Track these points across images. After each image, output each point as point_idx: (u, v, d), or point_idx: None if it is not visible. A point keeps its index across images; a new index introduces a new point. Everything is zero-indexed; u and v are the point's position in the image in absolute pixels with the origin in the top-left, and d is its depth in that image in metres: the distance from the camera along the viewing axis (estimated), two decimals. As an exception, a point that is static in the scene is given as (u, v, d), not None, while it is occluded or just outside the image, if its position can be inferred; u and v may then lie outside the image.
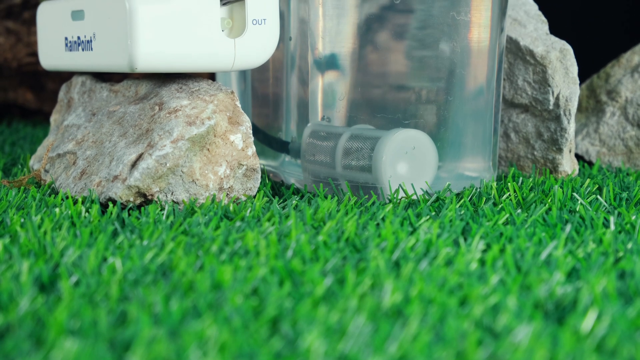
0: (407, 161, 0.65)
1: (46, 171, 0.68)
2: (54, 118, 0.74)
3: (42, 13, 0.73)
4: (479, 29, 0.68)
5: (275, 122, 0.75)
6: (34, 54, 1.03)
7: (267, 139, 0.75)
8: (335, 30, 0.68)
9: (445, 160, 0.68)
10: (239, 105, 0.64)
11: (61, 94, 0.74)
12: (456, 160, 0.69)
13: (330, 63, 0.68)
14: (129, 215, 0.60)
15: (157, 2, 0.61)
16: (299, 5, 0.70)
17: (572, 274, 0.48)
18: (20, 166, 0.76)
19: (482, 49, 0.68)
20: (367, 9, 0.67)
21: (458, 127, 0.68)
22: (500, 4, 0.69)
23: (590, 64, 0.89)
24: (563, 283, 0.45)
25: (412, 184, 0.65)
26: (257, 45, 0.65)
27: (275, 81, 0.74)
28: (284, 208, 0.62)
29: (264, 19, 0.65)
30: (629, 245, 0.52)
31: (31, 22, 1.03)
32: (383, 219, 0.58)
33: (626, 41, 0.93)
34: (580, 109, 0.82)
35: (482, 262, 0.50)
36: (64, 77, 1.05)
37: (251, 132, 0.64)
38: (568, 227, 0.55)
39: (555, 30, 0.77)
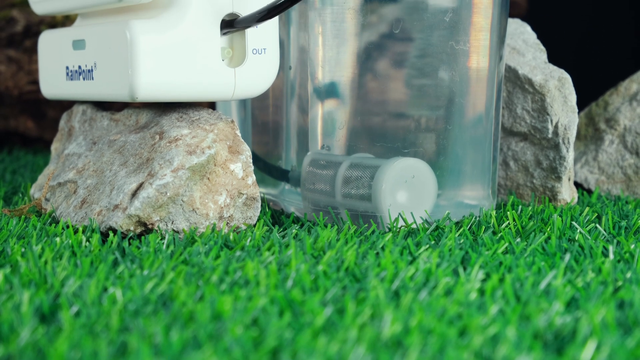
0: (406, 190, 0.66)
1: (47, 200, 0.68)
2: (54, 147, 0.74)
3: (44, 42, 0.73)
4: (478, 58, 0.68)
5: (275, 150, 0.75)
6: (35, 82, 1.03)
7: (267, 167, 0.75)
8: (335, 58, 0.68)
9: (444, 188, 0.68)
10: (239, 134, 0.65)
11: (62, 123, 0.75)
12: (456, 189, 0.69)
13: (329, 91, 0.69)
14: (130, 244, 0.60)
15: (158, 31, 0.62)
16: (298, 33, 0.70)
17: (572, 304, 0.48)
18: (21, 195, 0.76)
19: (481, 77, 0.69)
20: (366, 37, 0.67)
21: (457, 155, 0.69)
22: (498, 33, 0.69)
23: (588, 92, 0.89)
24: (562, 313, 0.46)
25: (411, 213, 0.65)
26: (258, 74, 0.65)
27: (275, 109, 0.74)
28: (284, 237, 0.62)
29: (264, 49, 0.65)
30: (628, 275, 0.52)
31: (32, 51, 1.03)
32: (383, 248, 0.59)
33: (624, 69, 0.94)
34: (579, 136, 0.83)
35: (481, 291, 0.50)
36: (65, 105, 1.05)
37: (251, 161, 0.64)
38: (567, 257, 0.55)
39: (553, 58, 0.78)
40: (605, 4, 1.44)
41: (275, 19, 0.65)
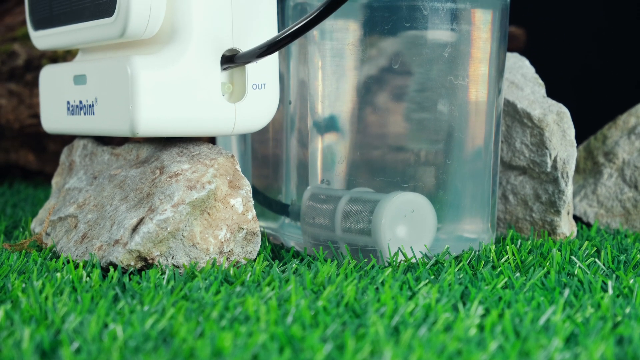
0: (406, 224, 0.66)
1: (47, 234, 0.68)
2: (55, 181, 0.74)
3: (45, 77, 0.74)
4: (477, 92, 0.69)
5: (275, 184, 0.75)
6: (36, 116, 1.04)
7: (266, 201, 0.76)
8: (334, 92, 0.68)
9: (444, 221, 0.68)
10: (239, 169, 0.65)
11: (63, 157, 0.75)
12: (455, 222, 0.70)
13: (329, 125, 0.69)
14: (130, 279, 0.60)
15: (158, 67, 0.62)
16: (298, 67, 0.71)
17: (571, 340, 0.48)
18: (21, 229, 0.77)
19: (480, 111, 0.69)
20: (366, 71, 0.68)
21: (457, 189, 0.69)
22: (497, 67, 0.70)
23: (587, 126, 0.90)
24: (562, 349, 0.46)
25: (411, 247, 0.65)
26: (258, 109, 0.65)
27: (275, 143, 0.75)
28: (283, 272, 0.62)
29: (264, 84, 0.65)
30: (627, 310, 0.52)
31: (33, 84, 1.04)
32: (382, 283, 0.59)
33: (623, 103, 0.94)
34: (577, 170, 0.83)
35: (481, 327, 0.50)
36: (66, 138, 1.05)
37: (251, 195, 0.64)
38: (566, 292, 0.55)
39: (552, 92, 0.78)
40: (603, 38, 1.44)
41: (275, 54, 0.66)
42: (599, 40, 1.45)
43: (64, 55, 1.03)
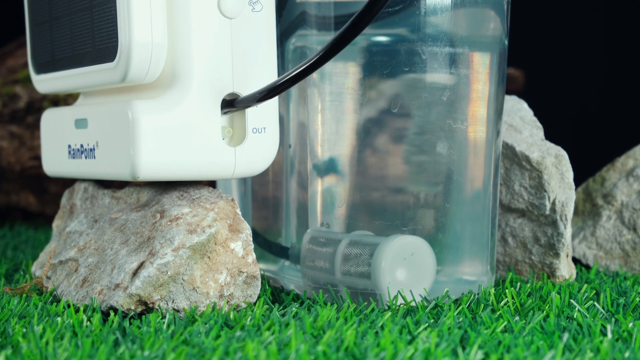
0: (405, 267, 0.66)
1: (48, 278, 0.69)
2: (56, 224, 0.75)
3: (46, 120, 0.74)
4: (475, 135, 0.69)
5: (275, 226, 0.75)
6: (37, 158, 1.04)
7: (266, 244, 0.76)
8: (334, 134, 0.69)
9: (444, 264, 0.69)
10: (239, 213, 0.65)
11: (64, 200, 0.75)
12: (455, 265, 0.70)
13: (329, 167, 0.69)
14: (130, 324, 0.60)
15: (159, 111, 0.63)
16: (298, 109, 0.71)
17: (570, 385, 0.48)
18: (22, 272, 0.77)
19: (479, 154, 0.69)
20: (365, 113, 0.68)
21: (456, 231, 0.69)
22: (495, 109, 0.70)
23: (585, 168, 0.90)
24: (561, 394, 0.46)
25: (410, 291, 0.66)
26: (258, 153, 0.66)
27: (275, 185, 0.75)
28: (283, 315, 0.62)
29: (264, 128, 0.66)
30: (627, 354, 0.52)
31: (34, 126, 1.04)
32: (382, 327, 0.59)
33: (620, 145, 0.95)
34: (576, 212, 0.83)
35: (480, 372, 0.50)
36: (66, 180, 1.06)
37: (251, 239, 0.65)
38: (565, 336, 0.55)
39: (550, 135, 0.78)
40: (600, 81, 1.45)
41: (275, 98, 0.66)
42: (598, 81, 1.46)
43: (65, 98, 1.03)
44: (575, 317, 0.61)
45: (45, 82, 0.73)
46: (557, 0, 1.45)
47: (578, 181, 0.81)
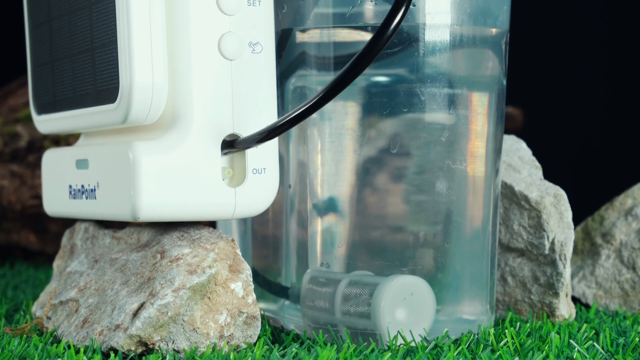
0: (405, 307, 0.66)
1: (48, 318, 0.69)
2: (56, 264, 0.75)
3: (47, 160, 0.75)
4: (474, 175, 0.69)
5: (274, 265, 0.75)
6: (38, 197, 1.04)
7: (266, 283, 0.76)
8: (334, 174, 0.69)
9: (443, 303, 0.69)
10: (239, 253, 0.65)
11: (64, 240, 0.75)
12: (454, 304, 0.70)
13: (329, 207, 0.70)
14: (130, 364, 0.61)
15: (160, 153, 0.63)
16: (298, 148, 0.71)
17: None
18: (22, 312, 0.77)
19: (478, 193, 0.70)
20: (365, 152, 0.68)
21: (456, 271, 0.69)
22: (494, 149, 0.70)
23: (584, 207, 0.90)
24: None
25: (410, 331, 0.66)
26: (258, 194, 0.66)
27: (275, 224, 0.75)
28: (283, 356, 0.62)
29: (264, 168, 0.66)
30: (626, 395, 0.52)
31: (35, 165, 1.04)
32: (382, 368, 0.59)
33: (619, 184, 0.95)
34: (576, 251, 0.83)
35: (480, 414, 0.50)
36: (67, 219, 1.06)
37: (251, 279, 0.65)
38: (565, 376, 0.55)
39: (549, 174, 0.79)
40: (599, 120, 1.46)
41: (275, 138, 0.66)
42: (597, 120, 1.46)
43: (66, 137, 1.04)
44: (575, 357, 0.61)
45: (46, 123, 0.73)
46: (555, 39, 1.46)
47: (577, 220, 0.81)
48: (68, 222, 1.05)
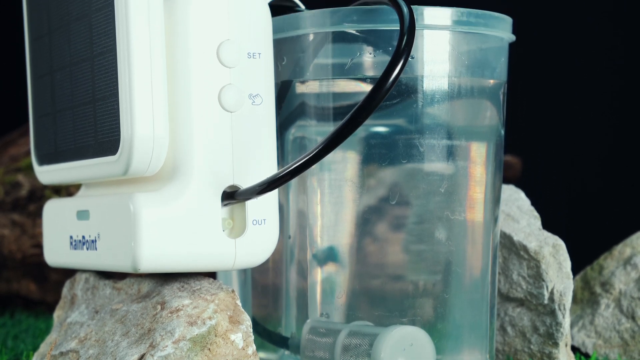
0: (405, 357, 0.66)
1: (49, 370, 0.69)
2: (57, 314, 0.75)
3: (48, 211, 0.75)
4: (473, 224, 0.70)
5: (274, 314, 0.75)
6: (38, 246, 1.05)
7: (266, 333, 0.76)
8: (333, 223, 0.69)
9: (443, 353, 0.69)
10: (240, 304, 0.65)
11: (65, 290, 0.75)
12: (454, 354, 0.70)
13: (328, 256, 0.70)
14: (130, 416, 0.60)
15: (160, 204, 0.63)
16: (298, 197, 0.72)
17: None
18: (22, 363, 0.77)
19: (477, 243, 0.70)
20: (365, 202, 0.69)
21: (455, 321, 0.69)
22: (493, 198, 0.71)
23: (583, 256, 0.91)
24: None
25: (410, 382, 0.66)
26: (258, 245, 0.66)
27: (275, 273, 0.75)
28: (283, 407, 0.62)
29: (264, 219, 0.66)
30: None
31: (36, 214, 1.05)
32: (382, 420, 0.59)
33: (618, 233, 0.95)
34: (575, 300, 0.84)
35: None
36: (67, 269, 1.06)
37: (251, 330, 0.65)
38: None
39: (547, 223, 0.79)
40: (597, 169, 1.46)
41: (275, 190, 0.67)
42: (594, 168, 1.47)
43: (66, 187, 1.04)
44: (574, 408, 0.61)
45: (48, 174, 0.74)
46: (553, 88, 1.46)
47: (576, 269, 0.82)
48: (69, 272, 1.06)
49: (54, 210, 0.74)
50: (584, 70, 1.46)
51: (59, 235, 0.73)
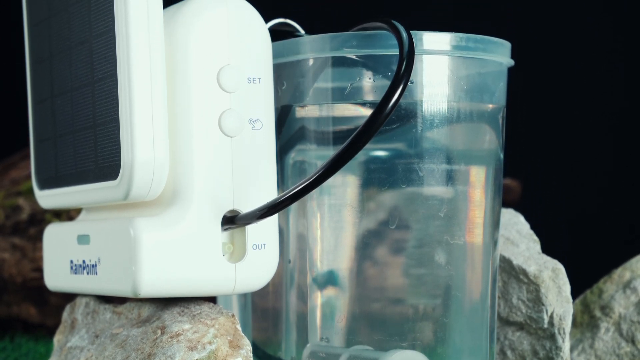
0: (405, 382, 0.66)
1: (49, 394, 0.69)
2: (57, 338, 0.75)
3: (49, 235, 0.75)
4: (473, 248, 0.70)
5: (274, 338, 0.75)
6: (39, 270, 1.05)
7: (266, 357, 0.76)
8: (333, 247, 0.69)
9: (443, 377, 0.69)
10: (240, 329, 0.66)
11: (65, 315, 0.75)
12: (454, 378, 0.70)
13: (328, 280, 0.70)
14: None
15: (161, 229, 0.63)
16: (297, 221, 0.72)
17: None
18: (22, 387, 0.77)
19: (476, 267, 0.70)
20: (364, 226, 0.69)
21: (455, 344, 0.69)
22: (492, 222, 0.71)
23: (582, 280, 0.91)
24: None
25: (410, 406, 0.66)
26: (258, 269, 0.66)
27: (275, 297, 0.75)
28: None
29: (264, 244, 0.66)
30: None
31: (37, 238, 1.05)
32: None
33: (617, 257, 0.95)
34: (575, 324, 0.84)
35: None
36: (68, 293, 1.06)
37: (251, 355, 0.65)
38: None
39: (547, 247, 0.79)
40: (596, 192, 1.46)
41: (275, 214, 0.67)
42: (594, 190, 1.47)
43: (67, 211, 1.04)
44: None
45: (48, 198, 0.74)
46: (551, 111, 1.47)
47: (576, 292, 0.82)
48: (69, 296, 1.05)
49: (54, 235, 0.74)
50: (582, 95, 1.46)
51: (60, 259, 0.73)
